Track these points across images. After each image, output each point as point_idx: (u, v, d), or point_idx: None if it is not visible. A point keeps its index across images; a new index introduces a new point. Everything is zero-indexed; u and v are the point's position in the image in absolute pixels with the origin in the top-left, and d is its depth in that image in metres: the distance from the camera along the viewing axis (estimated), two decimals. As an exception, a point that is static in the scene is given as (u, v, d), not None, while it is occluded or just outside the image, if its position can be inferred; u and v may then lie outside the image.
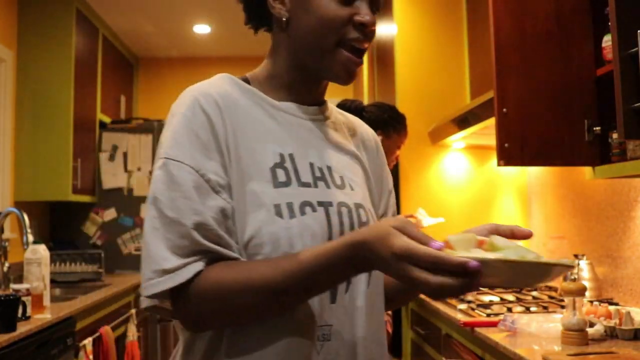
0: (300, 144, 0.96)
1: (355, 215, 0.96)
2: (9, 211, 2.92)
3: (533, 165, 2.24)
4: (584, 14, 2.11)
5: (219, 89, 0.94)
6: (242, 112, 0.93)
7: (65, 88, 3.69)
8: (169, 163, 0.87)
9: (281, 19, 0.96)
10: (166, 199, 0.85)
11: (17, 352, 2.09)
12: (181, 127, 0.89)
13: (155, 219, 0.85)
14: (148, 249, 0.84)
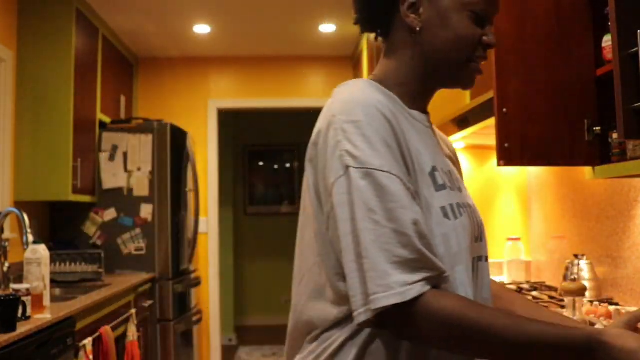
0: (433, 154, 1.01)
1: (477, 215, 1.06)
2: (9, 211, 2.92)
3: (533, 165, 2.24)
4: (584, 14, 2.11)
5: (381, 96, 0.96)
6: (400, 122, 0.95)
7: (65, 88, 3.69)
8: (376, 173, 0.86)
9: (413, 29, 1.01)
10: (382, 210, 0.85)
11: (17, 352, 2.09)
12: (373, 135, 0.88)
13: (371, 231, 0.84)
14: (368, 262, 0.83)
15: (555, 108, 2.09)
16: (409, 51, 1.03)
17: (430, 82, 1.04)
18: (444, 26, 0.99)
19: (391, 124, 0.90)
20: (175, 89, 5.23)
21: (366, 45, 4.59)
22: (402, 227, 0.84)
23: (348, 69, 5.41)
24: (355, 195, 0.86)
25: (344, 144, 0.89)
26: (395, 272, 0.82)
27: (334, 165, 0.89)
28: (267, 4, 4.14)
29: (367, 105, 0.91)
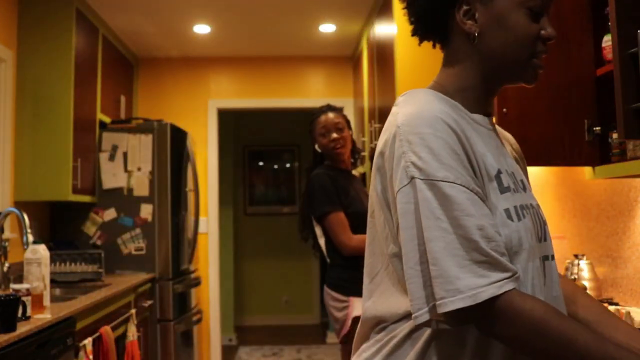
0: (497, 157, 1.03)
1: (540, 215, 1.06)
2: (9, 211, 2.92)
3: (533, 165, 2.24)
4: (584, 14, 2.11)
5: (444, 106, 0.98)
6: (463, 128, 0.97)
7: (65, 88, 3.69)
8: (440, 184, 0.89)
9: (472, 34, 1.03)
10: (448, 218, 0.88)
11: (17, 352, 2.09)
12: (439, 147, 0.91)
13: (439, 238, 0.87)
14: (437, 269, 0.87)
15: (555, 108, 2.09)
16: (469, 57, 1.05)
17: (491, 84, 1.07)
18: (502, 28, 1.01)
19: (456, 133, 0.93)
20: (175, 89, 5.23)
21: (366, 45, 4.59)
22: (468, 233, 0.87)
23: (348, 69, 5.41)
24: (421, 204, 0.89)
25: (409, 155, 0.92)
26: (466, 275, 0.86)
27: (399, 175, 0.93)
28: (267, 4, 4.14)
29: (432, 116, 0.94)
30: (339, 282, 2.63)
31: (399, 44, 3.40)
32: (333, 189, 2.69)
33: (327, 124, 2.85)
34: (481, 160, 0.97)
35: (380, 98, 3.97)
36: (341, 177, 2.77)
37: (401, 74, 3.38)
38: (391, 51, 3.51)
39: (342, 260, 2.66)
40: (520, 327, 0.86)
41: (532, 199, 1.08)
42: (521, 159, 1.22)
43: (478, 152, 0.97)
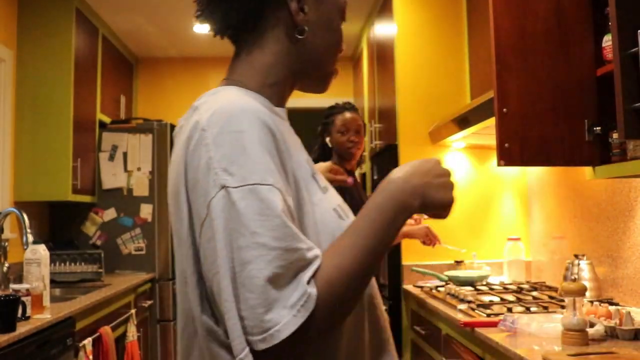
0: (302, 149, 0.98)
1: (346, 211, 0.99)
2: (8, 211, 2.92)
3: (533, 165, 2.24)
4: (584, 14, 2.11)
5: (257, 103, 0.87)
6: (276, 124, 0.87)
7: (65, 88, 3.69)
8: (259, 189, 0.76)
9: (301, 28, 0.96)
10: (267, 230, 0.74)
11: (17, 352, 2.09)
12: (255, 146, 0.79)
13: (260, 259, 0.73)
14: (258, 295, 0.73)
15: (555, 108, 2.09)
16: (286, 50, 0.96)
17: (298, 82, 1.02)
18: (329, 29, 1.00)
19: (272, 132, 0.82)
20: (175, 89, 5.23)
21: (366, 45, 4.59)
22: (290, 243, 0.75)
23: (348, 69, 5.41)
24: (234, 218, 0.75)
25: (218, 160, 0.78)
26: (294, 294, 0.74)
27: (208, 186, 0.77)
28: (267, 4, 4.14)
29: (244, 113, 0.81)
30: None
31: (399, 44, 3.40)
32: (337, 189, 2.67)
33: (348, 122, 2.81)
34: (297, 161, 0.88)
35: (380, 98, 3.97)
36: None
37: (401, 74, 3.38)
38: (391, 51, 3.51)
39: None
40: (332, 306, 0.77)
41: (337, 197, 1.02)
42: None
43: (293, 152, 0.89)
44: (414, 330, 3.01)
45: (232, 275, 0.74)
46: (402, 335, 3.20)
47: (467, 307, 2.26)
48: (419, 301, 2.82)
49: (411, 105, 3.36)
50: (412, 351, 3.10)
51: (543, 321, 1.81)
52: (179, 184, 0.84)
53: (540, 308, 2.14)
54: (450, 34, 3.38)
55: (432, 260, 3.20)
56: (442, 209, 0.90)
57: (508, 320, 1.88)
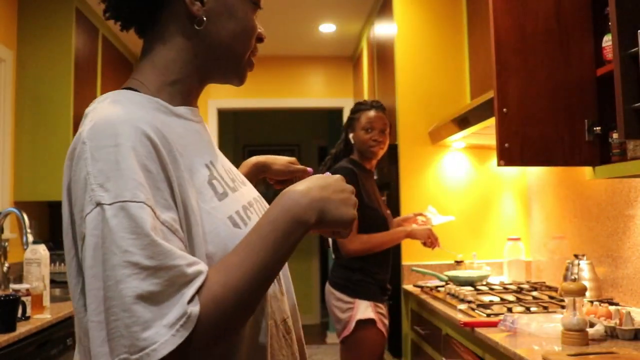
0: (209, 149, 0.93)
1: (263, 206, 0.99)
2: (9, 211, 2.92)
3: (533, 165, 2.24)
4: (584, 14, 2.11)
5: (141, 111, 0.83)
6: (171, 129, 0.85)
7: (65, 88, 3.69)
8: (130, 206, 0.73)
9: (199, 18, 0.90)
10: (138, 249, 0.72)
11: (17, 352, 2.09)
12: (129, 161, 0.76)
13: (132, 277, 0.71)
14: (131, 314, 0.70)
15: (555, 108, 2.09)
16: (187, 44, 0.92)
17: (207, 77, 0.96)
18: (232, 17, 0.93)
19: (154, 144, 0.78)
20: (175, 89, 5.23)
21: (366, 45, 4.59)
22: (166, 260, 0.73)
23: (348, 69, 5.42)
24: (107, 235, 0.72)
25: (94, 175, 0.75)
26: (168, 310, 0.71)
27: (85, 202, 0.75)
28: (267, 4, 4.13)
29: (123, 125, 0.78)
30: (344, 282, 2.62)
31: (399, 44, 3.40)
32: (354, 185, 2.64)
33: (374, 120, 2.78)
34: (189, 168, 0.84)
35: (380, 98, 3.97)
36: (363, 176, 2.74)
37: (401, 74, 3.38)
38: (391, 51, 3.51)
39: (347, 261, 2.65)
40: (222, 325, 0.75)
41: (254, 192, 1.00)
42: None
43: (187, 158, 0.85)
44: (414, 330, 3.01)
45: (104, 294, 0.71)
46: (402, 335, 3.20)
47: (467, 307, 2.26)
48: (419, 301, 2.82)
49: (411, 105, 3.36)
50: (412, 351, 3.10)
51: (543, 321, 1.81)
52: (63, 194, 0.81)
53: (540, 308, 2.14)
54: (450, 34, 3.38)
55: (432, 260, 3.20)
56: (341, 226, 0.85)
57: (508, 320, 1.88)
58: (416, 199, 3.28)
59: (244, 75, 0.98)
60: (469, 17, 3.31)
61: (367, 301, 2.58)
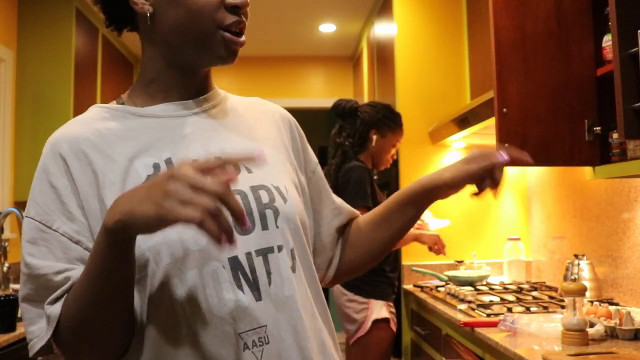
0: (180, 144, 0.91)
1: (253, 199, 0.89)
2: (9, 211, 2.92)
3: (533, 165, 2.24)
4: (584, 14, 2.11)
5: (78, 124, 0.94)
6: (109, 136, 0.89)
7: (65, 88, 3.69)
8: (27, 221, 0.87)
9: (145, 15, 0.91)
10: (24, 258, 0.85)
11: (16, 353, 2.09)
12: (39, 180, 0.89)
13: (22, 279, 0.86)
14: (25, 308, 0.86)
15: (555, 108, 2.09)
16: (150, 42, 0.94)
17: (186, 66, 0.94)
18: (174, 4, 0.89)
19: (65, 161, 0.88)
20: (175, 89, 5.23)
21: (366, 45, 4.59)
22: (33, 270, 0.84)
23: (348, 69, 5.42)
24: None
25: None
26: (39, 313, 0.85)
27: None
28: (267, 4, 4.14)
29: (48, 146, 0.93)
30: (358, 283, 2.61)
31: (399, 44, 3.40)
32: (369, 186, 2.64)
33: (400, 142, 2.81)
34: (118, 175, 0.86)
35: (380, 98, 3.97)
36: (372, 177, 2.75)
37: (401, 74, 3.38)
38: (391, 51, 3.51)
39: None
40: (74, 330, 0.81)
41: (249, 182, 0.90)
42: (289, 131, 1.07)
43: (117, 165, 0.87)
44: (414, 330, 3.01)
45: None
46: (402, 335, 3.20)
47: (467, 307, 2.26)
48: (419, 301, 2.82)
49: (411, 105, 3.36)
50: (412, 351, 3.10)
51: (543, 321, 1.81)
52: None
53: (540, 308, 2.14)
54: (450, 34, 3.38)
55: (432, 260, 3.21)
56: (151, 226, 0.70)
57: (508, 320, 1.88)
58: (416, 199, 3.28)
59: (223, 53, 0.91)
60: (469, 17, 3.31)
61: (382, 300, 2.59)
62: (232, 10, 0.90)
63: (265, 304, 0.85)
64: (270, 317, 0.85)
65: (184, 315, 0.82)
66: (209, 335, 0.82)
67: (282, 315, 0.86)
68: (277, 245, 0.89)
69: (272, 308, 0.85)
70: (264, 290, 0.85)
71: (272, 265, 0.87)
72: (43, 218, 0.85)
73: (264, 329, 0.84)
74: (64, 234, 0.84)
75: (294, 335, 0.86)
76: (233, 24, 0.90)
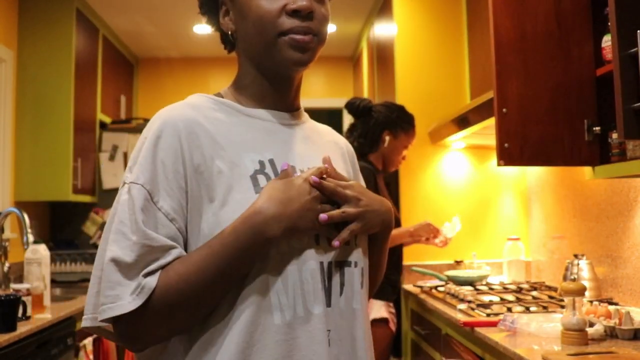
0: (280, 149, 0.99)
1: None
2: (9, 211, 2.92)
3: (533, 165, 2.24)
4: (584, 14, 2.11)
5: (190, 108, 0.97)
6: (219, 126, 0.95)
7: (65, 88, 3.69)
8: (132, 186, 0.89)
9: (230, 31, 1.02)
10: (129, 222, 0.87)
11: (17, 352, 2.10)
12: (148, 150, 0.91)
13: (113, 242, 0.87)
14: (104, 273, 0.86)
15: (555, 108, 2.09)
16: (240, 55, 1.04)
17: (271, 75, 1.00)
18: (244, 18, 0.97)
19: (179, 140, 0.91)
20: (175, 89, 5.23)
21: (366, 45, 4.60)
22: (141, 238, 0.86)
23: (348, 69, 5.42)
24: (118, 208, 0.89)
25: (130, 158, 0.94)
26: (126, 281, 0.85)
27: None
28: (267, 4, 4.14)
29: (161, 121, 0.93)
30: None
31: (399, 44, 3.40)
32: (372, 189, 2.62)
33: (412, 143, 2.79)
34: (225, 163, 0.92)
35: (380, 98, 3.97)
36: (378, 177, 2.73)
37: (401, 74, 3.38)
38: (391, 51, 3.51)
39: None
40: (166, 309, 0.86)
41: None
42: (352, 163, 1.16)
43: (226, 154, 0.93)
44: (414, 330, 3.01)
45: (100, 251, 0.89)
46: (402, 335, 3.20)
47: (467, 307, 2.26)
48: (419, 301, 2.82)
49: (411, 105, 3.35)
50: (412, 351, 3.10)
51: (543, 321, 1.81)
52: None
53: (540, 308, 2.14)
54: (450, 34, 3.38)
55: (432, 260, 3.21)
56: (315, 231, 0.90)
57: (508, 320, 1.88)
58: (416, 199, 3.28)
59: (289, 55, 0.95)
60: (469, 17, 3.31)
61: (381, 301, 2.59)
62: (293, 14, 0.94)
63: (333, 310, 0.93)
64: (334, 323, 0.93)
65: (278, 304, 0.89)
66: (301, 329, 0.89)
67: (345, 323, 0.95)
68: (354, 260, 0.98)
69: (337, 316, 0.94)
70: (334, 299, 0.94)
71: (347, 278, 0.96)
72: (150, 188, 0.88)
73: (327, 333, 0.92)
74: (160, 209, 0.88)
75: (351, 344, 0.95)
76: (293, 28, 0.94)
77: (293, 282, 0.90)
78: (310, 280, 0.91)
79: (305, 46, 0.95)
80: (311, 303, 0.91)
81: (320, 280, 0.92)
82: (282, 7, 0.93)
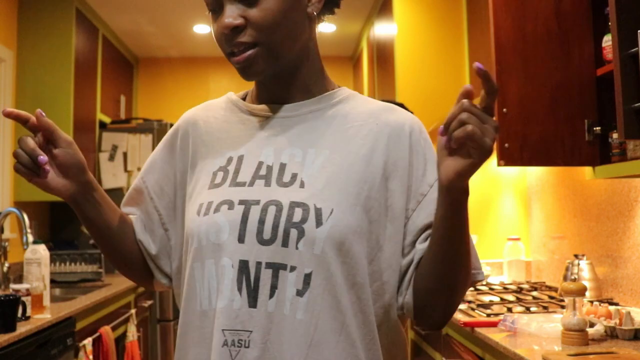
0: (257, 144, 0.99)
1: (285, 214, 0.90)
2: (9, 211, 2.92)
3: (533, 165, 2.24)
4: (584, 14, 2.11)
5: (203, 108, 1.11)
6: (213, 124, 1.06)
7: (65, 88, 3.69)
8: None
9: None
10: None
11: (17, 352, 2.09)
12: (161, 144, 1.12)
13: None
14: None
15: (555, 108, 2.09)
16: None
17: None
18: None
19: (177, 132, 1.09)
20: (175, 89, 5.23)
21: (366, 45, 4.59)
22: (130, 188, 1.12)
23: (348, 69, 5.41)
24: None
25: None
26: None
27: None
28: (267, 4, 4.14)
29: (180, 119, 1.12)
30: None
31: (399, 44, 3.40)
32: None
33: None
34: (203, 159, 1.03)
35: (380, 98, 3.97)
36: None
37: (401, 74, 3.38)
38: (391, 51, 3.51)
39: None
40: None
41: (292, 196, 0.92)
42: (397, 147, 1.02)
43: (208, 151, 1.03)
44: (413, 330, 3.01)
45: None
46: (402, 335, 3.20)
47: (467, 307, 2.26)
48: (419, 301, 2.82)
49: (411, 105, 3.35)
50: (412, 351, 3.10)
51: (543, 321, 1.81)
52: None
53: (540, 308, 2.14)
54: (450, 34, 3.38)
55: (432, 260, 3.20)
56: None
57: (508, 320, 1.88)
58: (416, 199, 3.28)
59: (241, 74, 0.99)
60: (469, 17, 3.31)
61: None
62: (227, 35, 0.94)
63: (259, 312, 0.89)
64: (259, 325, 0.88)
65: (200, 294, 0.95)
66: (207, 320, 0.93)
67: (275, 328, 0.89)
68: (290, 265, 0.90)
69: (264, 319, 0.89)
70: (261, 300, 0.89)
71: (280, 282, 0.89)
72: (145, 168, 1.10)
73: (247, 333, 0.88)
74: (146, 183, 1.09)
75: (279, 351, 0.88)
76: (230, 51, 0.96)
77: (209, 275, 0.93)
78: (220, 277, 0.91)
79: (247, 64, 0.95)
80: (214, 298, 0.92)
81: (231, 276, 0.90)
82: (217, 33, 0.97)
